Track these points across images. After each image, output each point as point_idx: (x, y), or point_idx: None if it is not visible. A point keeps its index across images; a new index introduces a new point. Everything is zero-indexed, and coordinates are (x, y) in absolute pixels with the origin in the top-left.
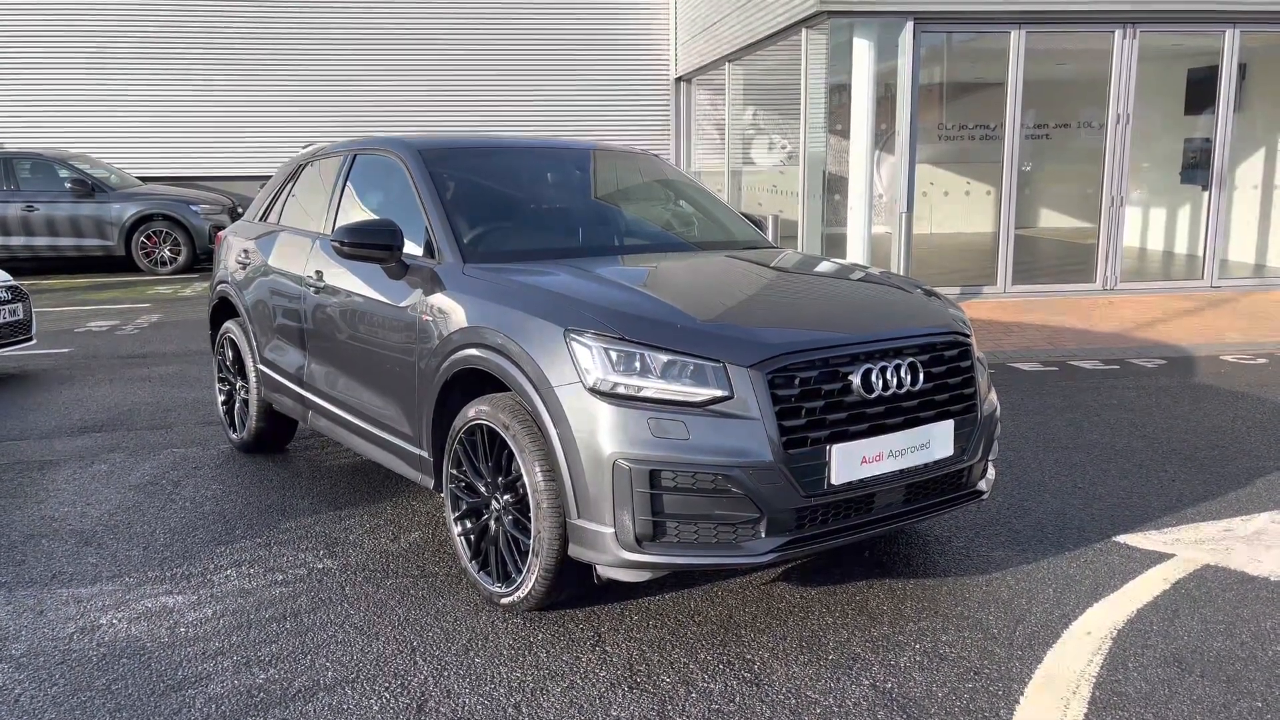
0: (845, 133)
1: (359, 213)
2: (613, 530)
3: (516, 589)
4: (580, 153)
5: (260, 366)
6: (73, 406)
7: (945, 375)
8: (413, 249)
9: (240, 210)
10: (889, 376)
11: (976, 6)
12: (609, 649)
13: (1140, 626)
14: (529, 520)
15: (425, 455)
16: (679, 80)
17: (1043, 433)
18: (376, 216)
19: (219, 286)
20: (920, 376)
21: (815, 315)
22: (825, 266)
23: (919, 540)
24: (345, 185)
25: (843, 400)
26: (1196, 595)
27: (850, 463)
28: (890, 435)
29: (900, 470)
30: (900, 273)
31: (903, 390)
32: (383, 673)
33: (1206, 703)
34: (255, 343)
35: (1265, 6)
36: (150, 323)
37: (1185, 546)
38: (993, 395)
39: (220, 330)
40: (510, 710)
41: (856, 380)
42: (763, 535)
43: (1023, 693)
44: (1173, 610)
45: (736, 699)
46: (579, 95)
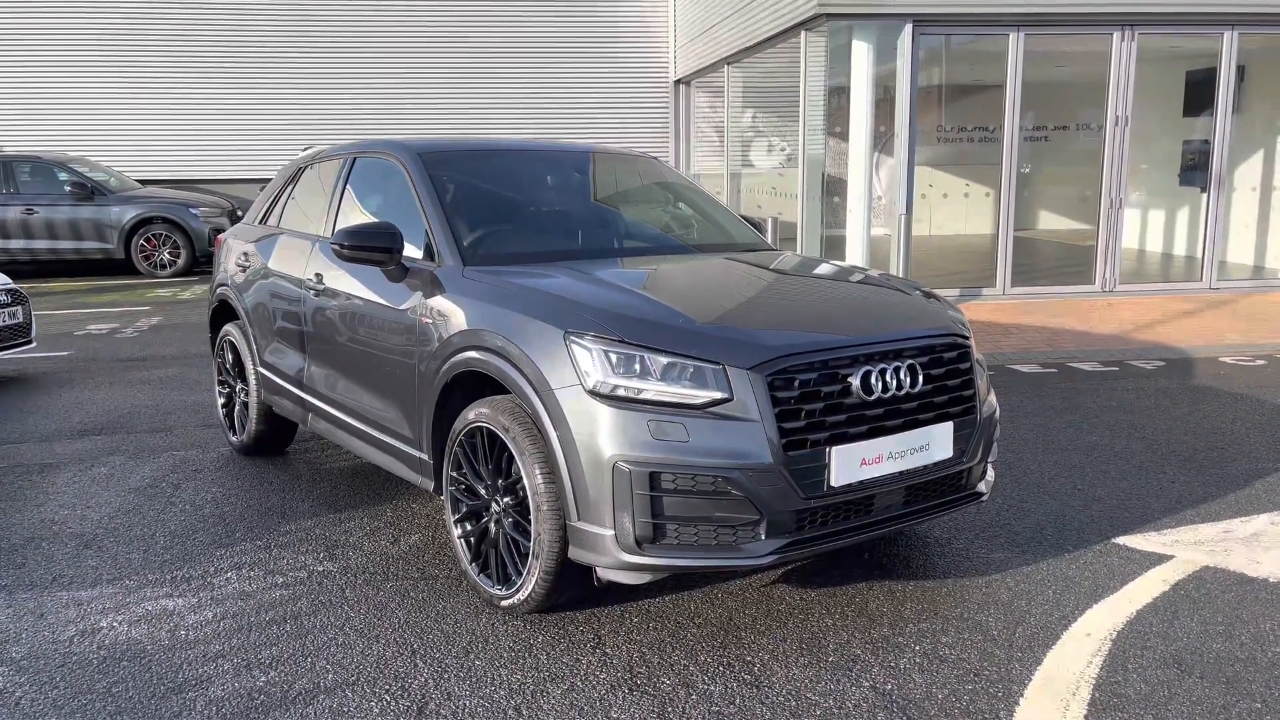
0: (844, 135)
1: (359, 216)
2: (613, 532)
3: (517, 591)
4: (580, 155)
5: (260, 369)
6: (72, 409)
7: (944, 377)
8: (412, 252)
9: (240, 213)
10: (888, 378)
11: (975, 9)
12: (609, 651)
13: (1140, 628)
14: (529, 523)
15: (425, 458)
16: (678, 83)
17: (1042, 434)
18: (376, 219)
19: (219, 289)
20: (919, 378)
21: (814, 317)
22: (824, 268)
23: (919, 542)
24: (345, 188)
25: (842, 402)
26: (1196, 597)
27: (850, 465)
28: (890, 437)
29: (900, 472)
30: (899, 275)
31: (902, 392)
32: (383, 675)
33: (1206, 704)
34: (255, 345)
35: (1263, 8)
36: (150, 326)
37: (1184, 548)
38: (992, 397)
39: (220, 333)
40: (511, 713)
41: (856, 382)
42: (763, 537)
43: (1022, 694)
44: (1172, 612)
45: (737, 701)
46: (578, 98)
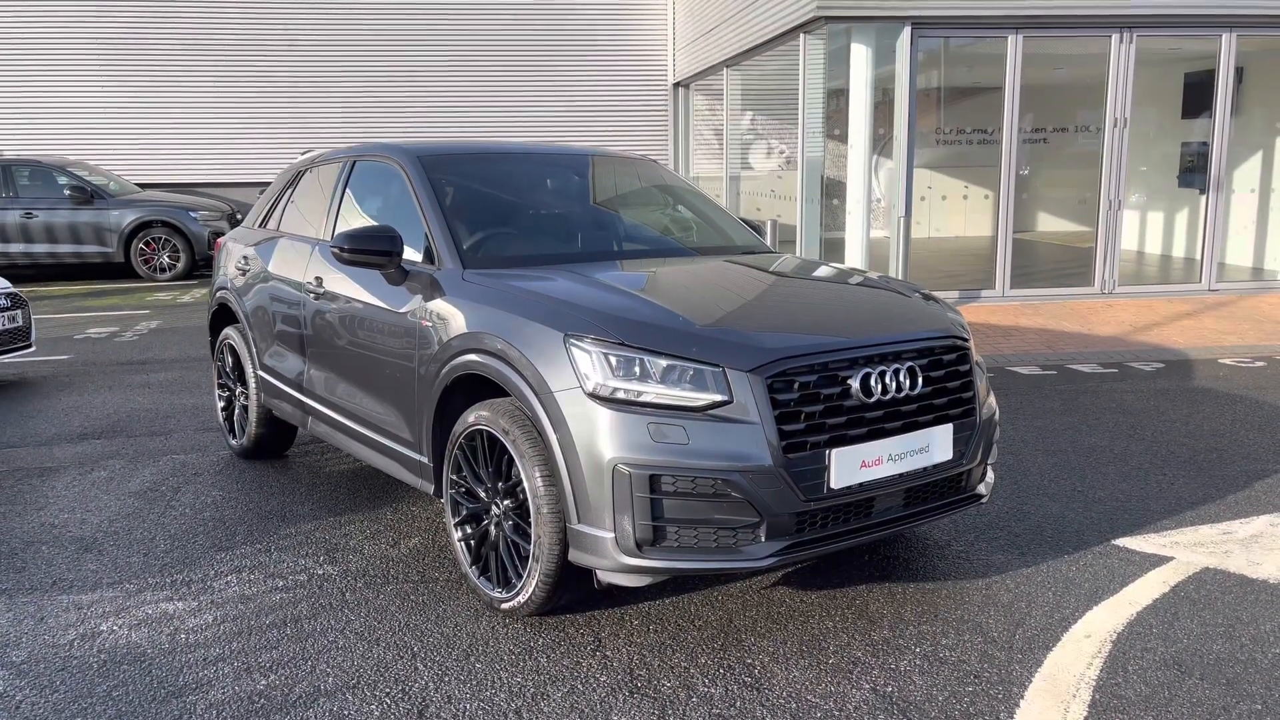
0: (843, 137)
1: (358, 219)
2: (613, 535)
3: (517, 594)
4: (579, 158)
5: (260, 372)
6: (72, 413)
7: (944, 379)
8: (412, 255)
9: (239, 217)
10: (888, 381)
11: (974, 11)
12: (609, 654)
13: (1139, 629)
14: (529, 525)
15: (425, 461)
16: (677, 86)
17: (1041, 436)
18: (376, 223)
19: (218, 293)
20: (919, 380)
21: (814, 320)
22: (824, 271)
23: (918, 544)
24: (345, 191)
25: (842, 404)
26: (1196, 598)
27: (849, 467)
28: (889, 439)
29: (899, 474)
30: (899, 277)
31: (901, 394)
32: (383, 678)
33: (1206, 705)
34: (255, 349)
35: (1261, 11)
36: (149, 329)
37: (1184, 549)
38: (991, 399)
39: (220, 336)
40: (511, 715)
41: (855, 384)
42: (762, 539)
43: (1023, 696)
44: (1172, 613)
45: (737, 703)
46: (577, 101)
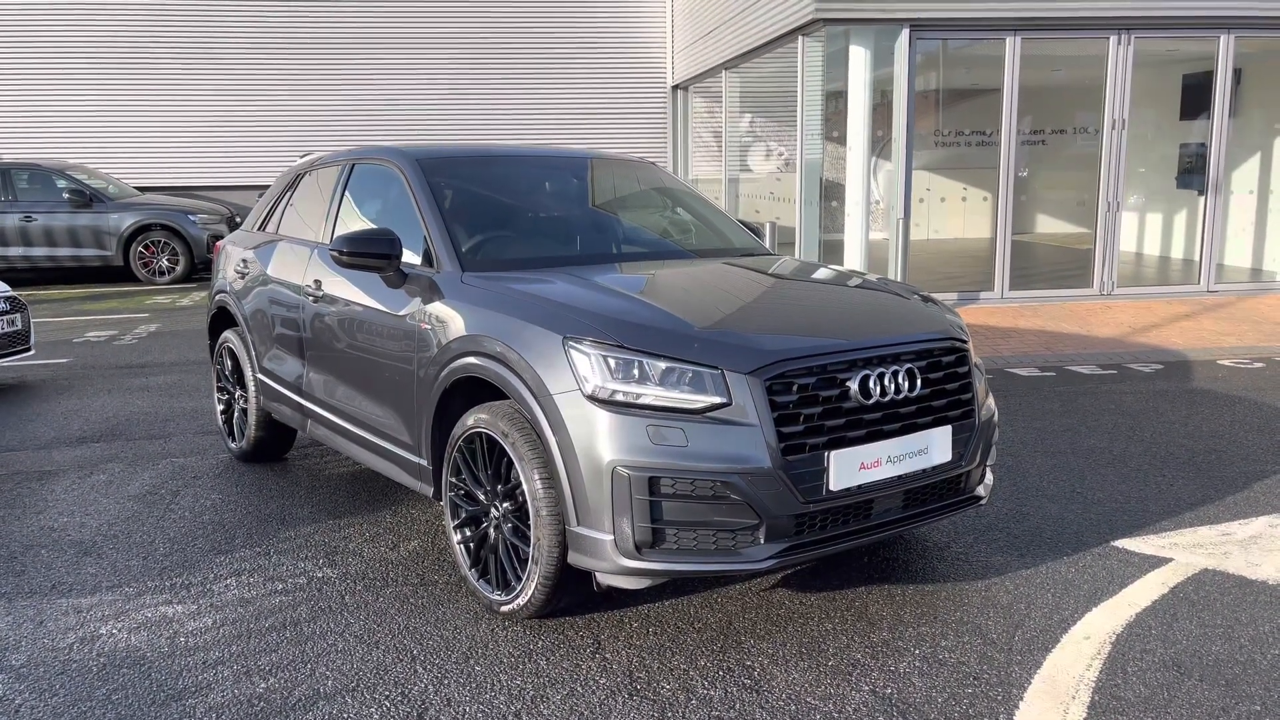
0: (842, 139)
1: (357, 222)
2: (612, 537)
3: (516, 597)
4: (578, 161)
5: (259, 376)
6: (71, 417)
7: (943, 381)
8: (411, 258)
9: (238, 220)
10: (887, 382)
11: (972, 14)
12: (609, 656)
13: (1139, 631)
14: (528, 528)
15: (424, 463)
16: (676, 88)
17: (1040, 438)
18: (375, 226)
19: (217, 296)
20: (918, 382)
21: (813, 322)
22: (823, 273)
23: (918, 546)
24: (343, 194)
25: (841, 406)
26: (1195, 599)
27: (848, 469)
28: (888, 441)
29: (898, 476)
30: (897, 279)
31: (900, 396)
32: (383, 681)
33: (1205, 706)
34: (254, 352)
35: (1259, 12)
36: (148, 332)
37: (1183, 551)
38: (990, 400)
39: (219, 340)
40: (510, 718)
41: (854, 386)
42: (762, 541)
43: (1022, 698)
44: (1171, 614)
45: (736, 706)
46: (576, 103)
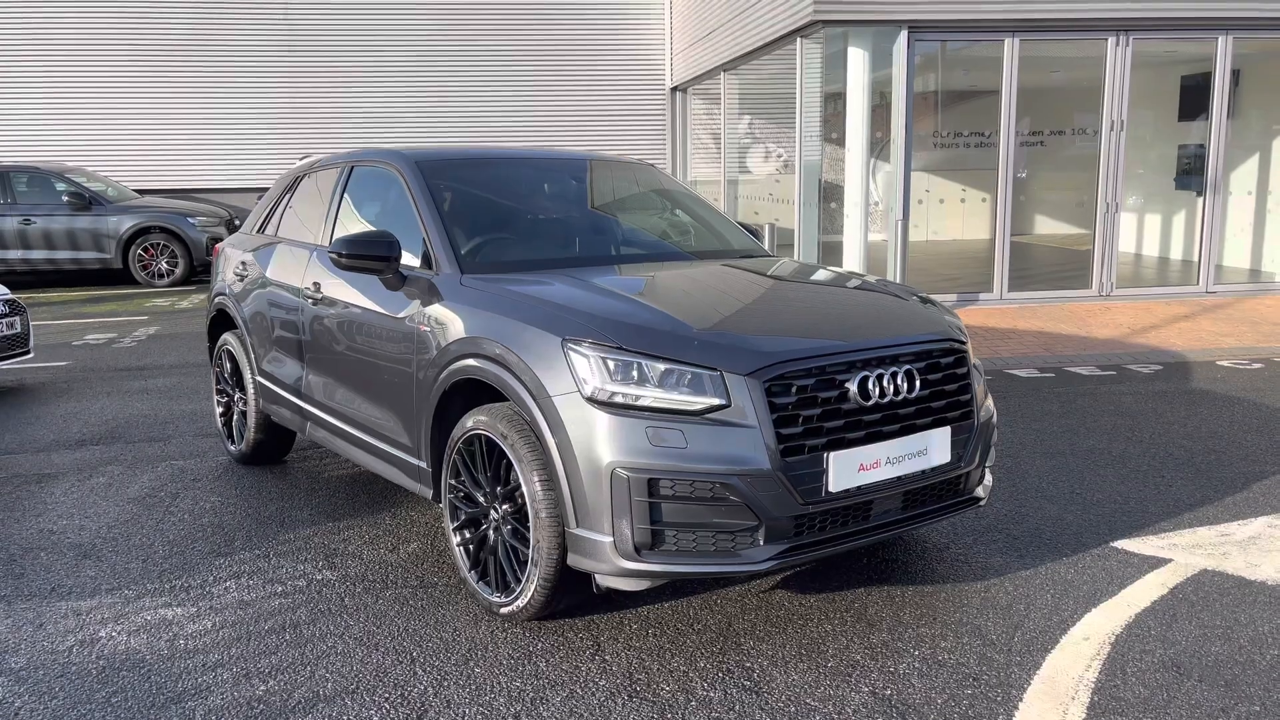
0: (841, 141)
1: (356, 224)
2: (611, 539)
3: (515, 599)
4: (577, 163)
5: (258, 378)
6: (70, 419)
7: (942, 382)
8: (410, 260)
9: (237, 222)
10: (886, 384)
11: (970, 15)
12: (608, 658)
13: (1138, 631)
14: (528, 530)
15: (424, 466)
16: (675, 90)
17: (1039, 438)
18: (374, 228)
19: (216, 298)
20: (917, 383)
21: (812, 323)
22: (821, 275)
23: (917, 547)
24: (343, 197)
25: (840, 408)
26: (1194, 600)
27: (848, 470)
28: (887, 442)
29: (897, 477)
30: (896, 280)
31: (899, 397)
32: (382, 683)
33: (1205, 707)
34: (253, 354)
35: (1257, 13)
36: (148, 335)
37: (1182, 551)
38: (989, 402)
39: (218, 342)
40: None
41: (853, 388)
42: (761, 543)
43: (1021, 699)
44: (1170, 615)
45: (736, 707)
46: (575, 106)
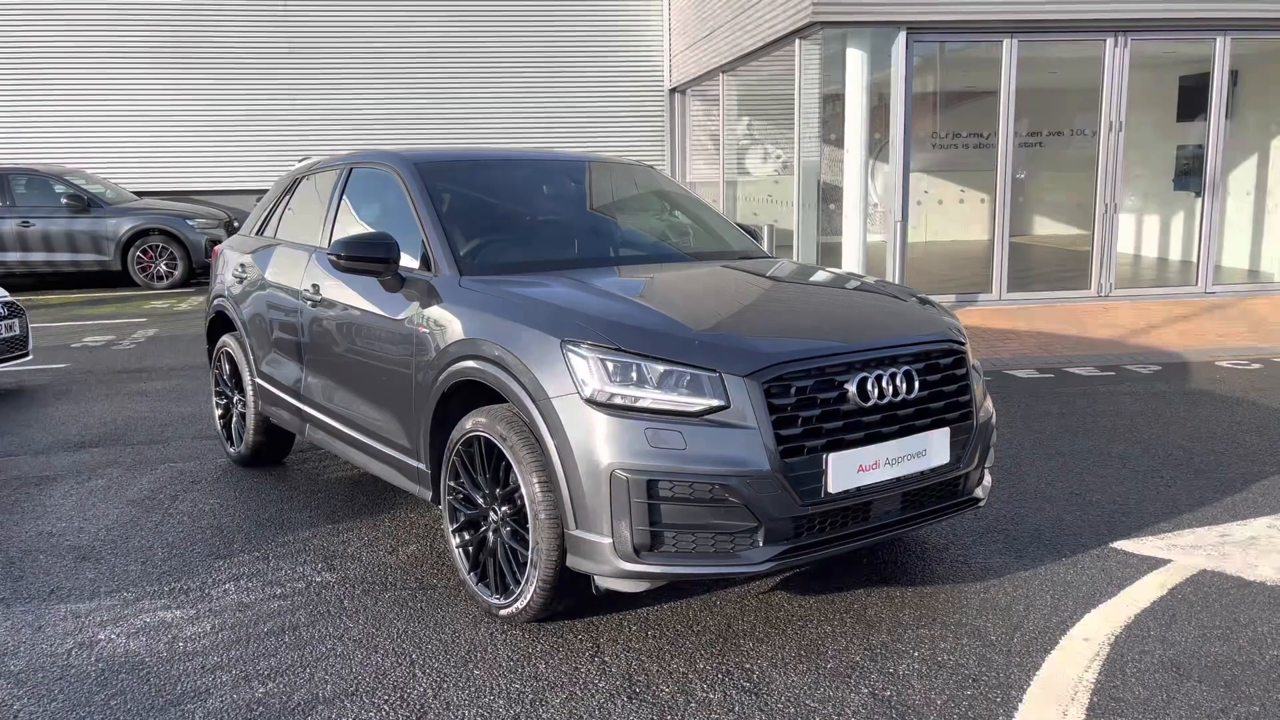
0: (839, 142)
1: (355, 226)
2: (610, 541)
3: (515, 600)
4: (576, 165)
5: (257, 380)
6: (69, 422)
7: (941, 383)
8: (409, 262)
9: (236, 224)
10: (885, 385)
11: (969, 16)
12: (608, 659)
13: (1137, 632)
14: (527, 532)
15: (423, 468)
16: (673, 91)
17: (1038, 439)
18: (373, 230)
19: (215, 301)
20: (916, 384)
21: (811, 324)
22: (820, 276)
23: (916, 548)
24: (341, 199)
25: (839, 409)
26: (1193, 600)
27: (847, 471)
28: (886, 443)
29: (897, 478)
30: (895, 281)
31: (898, 398)
32: (382, 685)
33: (1204, 708)
34: (252, 356)
35: (1256, 14)
36: (147, 337)
37: (1182, 552)
38: (988, 402)
39: (217, 344)
40: None
41: (852, 389)
42: (760, 544)
43: (1021, 699)
44: (1170, 616)
45: (736, 708)
46: (574, 107)
